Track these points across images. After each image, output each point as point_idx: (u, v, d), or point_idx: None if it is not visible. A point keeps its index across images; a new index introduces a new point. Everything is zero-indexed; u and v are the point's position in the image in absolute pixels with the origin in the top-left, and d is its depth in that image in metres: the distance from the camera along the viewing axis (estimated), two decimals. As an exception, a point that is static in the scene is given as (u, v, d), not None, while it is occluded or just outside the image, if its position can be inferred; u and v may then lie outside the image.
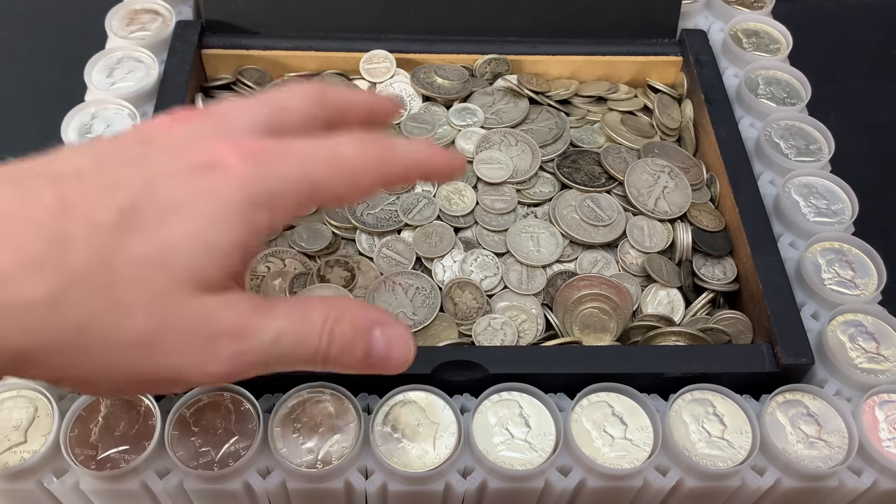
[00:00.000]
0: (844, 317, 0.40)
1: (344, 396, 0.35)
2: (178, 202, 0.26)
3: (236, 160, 0.28)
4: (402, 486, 0.34)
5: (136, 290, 0.26)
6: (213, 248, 0.26)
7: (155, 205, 0.26)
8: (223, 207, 0.27)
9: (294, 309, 0.29)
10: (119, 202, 0.26)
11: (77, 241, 0.25)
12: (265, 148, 0.29)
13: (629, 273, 0.43)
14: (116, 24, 0.51)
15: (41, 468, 0.34)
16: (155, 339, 0.26)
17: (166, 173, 0.27)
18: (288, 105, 0.33)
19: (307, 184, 0.29)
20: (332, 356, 0.29)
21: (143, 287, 0.26)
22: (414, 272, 0.42)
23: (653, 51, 0.51)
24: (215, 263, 0.27)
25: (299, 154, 0.29)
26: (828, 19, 0.71)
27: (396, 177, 0.32)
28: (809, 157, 0.46)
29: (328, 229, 0.43)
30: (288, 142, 0.30)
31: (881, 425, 0.36)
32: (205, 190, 0.27)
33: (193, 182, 0.27)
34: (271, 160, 0.28)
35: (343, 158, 0.30)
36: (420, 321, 0.40)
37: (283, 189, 0.28)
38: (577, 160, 0.47)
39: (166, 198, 0.26)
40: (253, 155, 0.28)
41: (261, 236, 0.28)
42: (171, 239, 0.26)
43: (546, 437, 0.35)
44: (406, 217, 0.43)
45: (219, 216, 0.27)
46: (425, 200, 0.44)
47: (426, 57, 0.51)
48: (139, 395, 0.30)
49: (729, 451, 0.35)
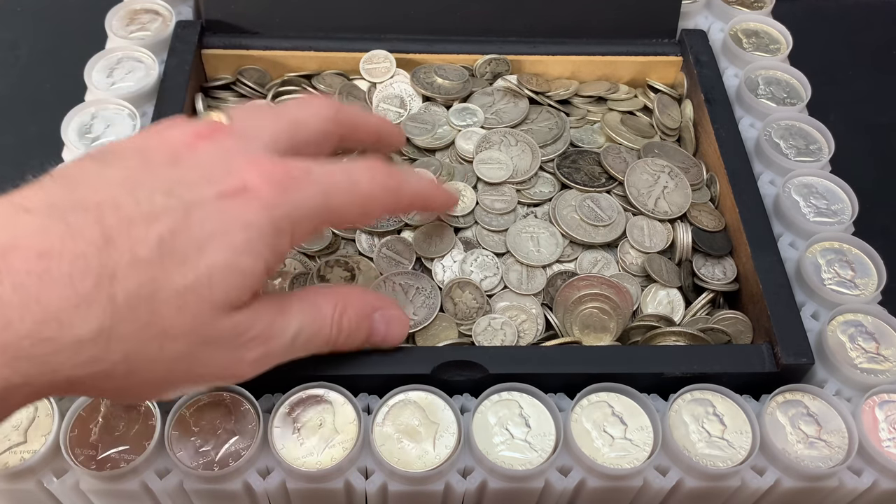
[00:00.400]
0: (844, 317, 0.40)
1: (344, 396, 0.35)
2: (213, 232, 0.28)
3: (264, 187, 0.30)
4: (402, 486, 0.34)
5: (179, 318, 0.27)
6: (246, 273, 0.29)
7: (191, 235, 0.28)
8: (253, 236, 0.29)
9: (307, 305, 0.32)
10: (159, 234, 0.27)
11: (121, 275, 0.26)
12: (289, 174, 0.31)
13: (629, 273, 0.43)
14: (116, 24, 0.51)
15: (41, 468, 0.34)
16: (194, 356, 0.28)
17: (199, 202, 0.28)
18: (304, 121, 0.35)
19: (325, 210, 0.32)
20: (340, 342, 0.33)
21: (184, 315, 0.27)
22: (414, 272, 0.42)
23: (653, 51, 0.51)
24: (246, 286, 0.29)
25: (320, 182, 0.31)
26: (828, 19, 0.71)
27: (403, 208, 0.38)
28: (809, 157, 0.46)
29: (328, 229, 0.43)
30: (310, 167, 0.32)
31: (881, 425, 0.36)
32: (236, 219, 0.29)
33: (225, 210, 0.29)
34: (295, 187, 0.30)
35: (359, 188, 0.33)
36: (420, 321, 0.40)
37: (304, 215, 0.31)
38: (577, 160, 0.47)
39: (200, 227, 0.28)
40: (279, 182, 0.30)
41: (282, 256, 0.31)
42: (208, 269, 0.28)
43: (546, 437, 0.35)
44: (406, 217, 0.43)
45: (250, 245, 0.29)
46: None
47: (426, 57, 0.51)
48: None
49: (729, 451, 0.35)
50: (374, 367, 0.36)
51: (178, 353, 0.28)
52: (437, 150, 0.47)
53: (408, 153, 0.47)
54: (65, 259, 0.26)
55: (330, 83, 0.49)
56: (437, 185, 0.39)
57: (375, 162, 0.35)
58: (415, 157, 0.47)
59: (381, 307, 0.35)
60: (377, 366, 0.36)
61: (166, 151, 0.30)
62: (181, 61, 0.48)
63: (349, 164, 0.34)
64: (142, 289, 0.27)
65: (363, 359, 0.37)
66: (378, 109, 0.49)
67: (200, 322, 0.28)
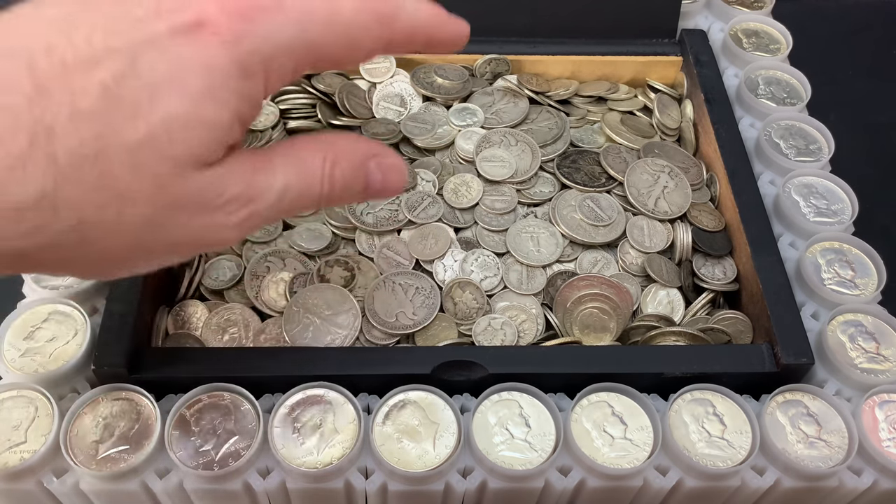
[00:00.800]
0: (844, 317, 0.40)
1: (344, 396, 0.35)
2: (166, 77, 0.24)
3: (224, 18, 0.25)
4: (402, 486, 0.34)
5: (135, 179, 0.24)
6: (210, 123, 0.25)
7: (140, 81, 0.24)
8: (215, 79, 0.25)
9: (291, 159, 0.28)
10: (101, 81, 0.23)
11: (60, 131, 0.23)
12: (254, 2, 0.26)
13: (629, 273, 0.43)
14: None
15: (41, 468, 0.34)
16: (162, 221, 0.25)
17: (148, 41, 0.24)
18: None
19: (302, 45, 0.27)
20: (335, 196, 0.29)
21: (141, 174, 0.24)
22: (414, 272, 0.42)
23: (653, 51, 0.51)
24: (213, 138, 0.25)
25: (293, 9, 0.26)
26: (828, 19, 0.71)
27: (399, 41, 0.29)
28: (809, 157, 0.46)
29: (328, 229, 0.43)
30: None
31: (881, 425, 0.36)
32: (193, 60, 0.25)
33: (179, 50, 0.24)
34: (262, 18, 0.26)
35: (342, 17, 0.27)
36: (420, 321, 0.40)
37: (276, 51, 0.26)
38: (577, 160, 0.47)
39: (150, 72, 0.24)
40: (242, 12, 0.25)
41: (256, 103, 0.26)
42: (164, 120, 0.24)
43: (546, 437, 0.35)
44: (411, 214, 0.43)
45: (212, 89, 0.25)
46: (430, 199, 0.44)
47: (426, 57, 0.51)
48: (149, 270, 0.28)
49: (729, 451, 0.35)
50: (374, 367, 0.36)
51: (143, 219, 0.25)
52: (437, 150, 0.47)
53: (407, 153, 0.47)
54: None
55: (330, 83, 0.49)
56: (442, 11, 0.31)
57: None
58: (414, 157, 0.47)
59: (378, 154, 0.30)
60: (377, 366, 0.36)
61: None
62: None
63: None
64: (85, 146, 0.23)
65: (363, 359, 0.37)
66: (378, 108, 0.49)
67: (163, 182, 0.24)
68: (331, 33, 0.27)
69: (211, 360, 0.36)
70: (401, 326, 0.39)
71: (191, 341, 0.39)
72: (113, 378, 0.35)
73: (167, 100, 0.24)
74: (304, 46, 0.27)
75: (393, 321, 0.39)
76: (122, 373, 0.35)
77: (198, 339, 0.39)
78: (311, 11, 0.27)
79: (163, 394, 0.36)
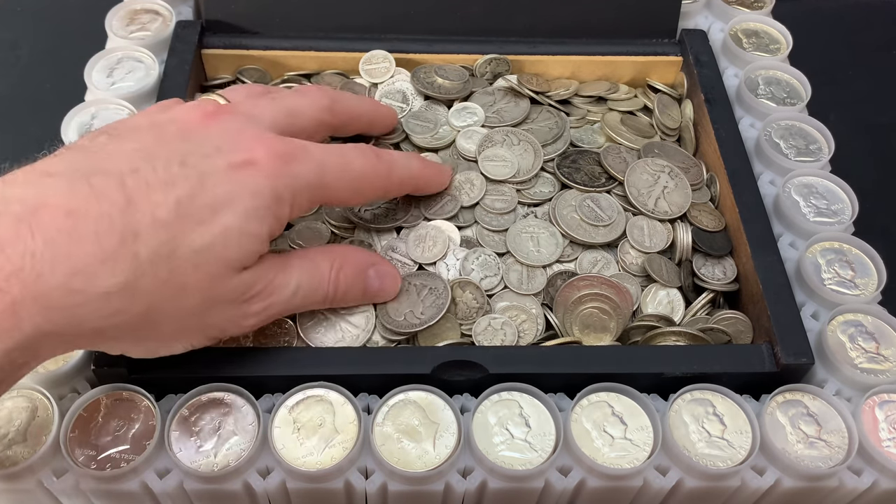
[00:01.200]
0: (844, 317, 0.40)
1: (344, 396, 0.35)
2: (225, 199, 0.31)
3: (269, 160, 0.33)
4: (402, 486, 0.34)
5: (195, 275, 0.30)
6: (254, 236, 0.32)
7: (206, 199, 0.30)
8: (260, 202, 0.32)
9: (306, 262, 0.35)
10: (177, 197, 0.30)
11: (144, 234, 0.29)
12: (290, 150, 0.34)
13: (629, 273, 0.43)
14: (116, 24, 0.51)
15: (41, 468, 0.34)
16: (206, 310, 0.31)
17: (212, 171, 0.31)
18: (301, 110, 0.38)
19: (320, 185, 0.35)
20: (338, 297, 0.37)
21: (200, 272, 0.30)
22: (429, 272, 0.41)
23: (653, 51, 0.51)
24: (254, 248, 0.32)
25: (317, 159, 0.35)
26: (828, 19, 0.71)
27: (394, 189, 0.40)
28: (809, 157, 0.46)
29: (327, 228, 0.43)
30: (307, 145, 0.35)
31: (881, 425, 0.36)
32: (245, 187, 0.32)
33: (235, 179, 0.32)
34: (295, 161, 0.34)
35: (351, 168, 0.36)
36: (426, 320, 0.39)
37: (302, 187, 0.34)
38: (577, 160, 0.47)
39: (213, 193, 0.31)
40: (282, 156, 0.33)
41: (283, 224, 0.34)
42: (222, 230, 0.31)
43: (546, 437, 0.35)
44: (427, 212, 0.43)
45: (257, 210, 0.32)
46: (448, 196, 0.44)
47: (426, 57, 0.51)
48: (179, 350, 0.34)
49: (729, 451, 0.35)
50: (374, 367, 0.36)
51: (193, 307, 0.31)
52: (439, 150, 0.47)
53: (409, 152, 0.47)
54: (90, 218, 0.28)
55: (329, 83, 0.49)
56: (427, 164, 0.42)
57: (367, 146, 0.38)
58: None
59: (376, 263, 0.38)
60: (377, 366, 0.36)
61: (177, 127, 0.33)
62: (181, 61, 0.48)
63: (343, 146, 0.37)
64: (162, 247, 0.29)
65: (363, 359, 0.37)
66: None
67: (214, 279, 0.31)
68: (341, 180, 0.36)
69: (211, 360, 0.36)
70: (407, 325, 0.39)
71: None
72: (113, 378, 0.35)
73: (225, 214, 0.31)
74: (322, 186, 0.35)
75: (401, 320, 0.39)
76: (122, 373, 0.35)
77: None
78: (330, 162, 0.35)
79: (163, 394, 0.36)
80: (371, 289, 0.38)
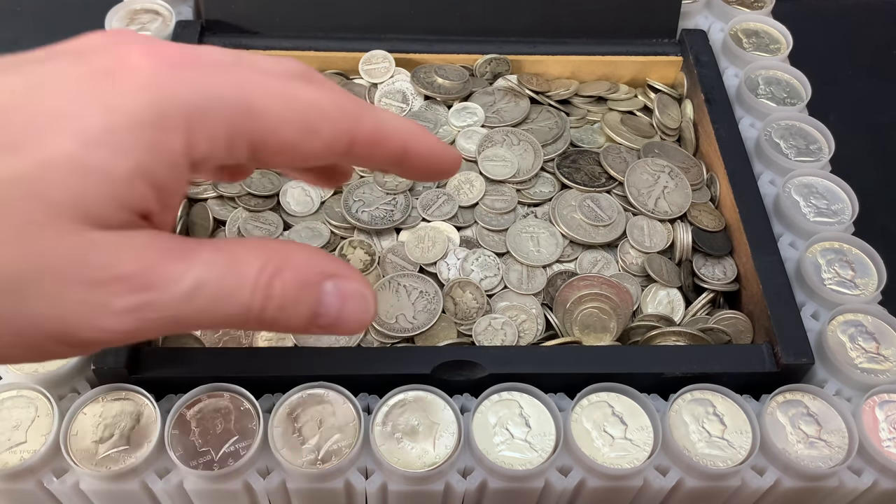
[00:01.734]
0: (844, 317, 0.40)
1: (344, 396, 0.35)
2: (57, 113, 0.21)
3: (146, 63, 0.22)
4: (402, 486, 0.34)
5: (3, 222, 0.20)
6: (101, 172, 0.21)
7: (27, 114, 0.21)
8: (117, 122, 0.21)
9: (222, 254, 0.22)
10: None
11: None
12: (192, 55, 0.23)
13: (629, 273, 0.43)
14: (116, 24, 0.51)
15: (41, 468, 0.34)
16: (26, 281, 0.20)
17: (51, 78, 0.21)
18: None
19: (244, 111, 0.22)
20: (268, 315, 0.23)
21: (8, 214, 0.20)
22: (420, 275, 0.42)
23: (653, 51, 0.51)
24: (106, 192, 0.21)
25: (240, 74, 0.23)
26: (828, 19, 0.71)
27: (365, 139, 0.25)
28: (809, 157, 0.46)
29: (327, 228, 0.43)
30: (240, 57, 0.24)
31: (881, 425, 0.36)
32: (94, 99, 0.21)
33: (82, 88, 0.21)
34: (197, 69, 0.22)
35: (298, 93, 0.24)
36: (419, 326, 0.39)
37: (209, 106, 0.22)
38: (577, 160, 0.47)
39: (41, 106, 0.21)
40: (172, 60, 0.22)
41: (173, 164, 0.22)
42: (46, 158, 0.20)
43: (546, 437, 0.35)
44: (425, 213, 0.43)
45: (111, 132, 0.21)
46: (445, 196, 0.44)
47: (426, 57, 0.51)
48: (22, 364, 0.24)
49: (729, 451, 0.35)
50: (374, 367, 0.36)
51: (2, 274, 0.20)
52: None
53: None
54: None
55: (330, 83, 0.49)
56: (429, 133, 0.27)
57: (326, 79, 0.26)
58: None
59: (338, 275, 0.24)
60: (377, 366, 0.36)
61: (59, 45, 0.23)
62: (181, 61, 0.47)
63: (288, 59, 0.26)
64: None
65: (363, 359, 0.37)
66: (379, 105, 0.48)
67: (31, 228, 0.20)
68: (283, 108, 0.23)
69: (211, 360, 0.36)
70: (400, 329, 0.39)
71: (191, 341, 0.39)
72: (113, 378, 0.35)
73: (53, 137, 0.20)
74: (247, 112, 0.22)
75: (392, 322, 0.39)
76: (122, 373, 0.35)
77: (198, 339, 0.39)
78: (262, 82, 0.23)
79: (163, 394, 0.36)
80: (326, 310, 0.24)
